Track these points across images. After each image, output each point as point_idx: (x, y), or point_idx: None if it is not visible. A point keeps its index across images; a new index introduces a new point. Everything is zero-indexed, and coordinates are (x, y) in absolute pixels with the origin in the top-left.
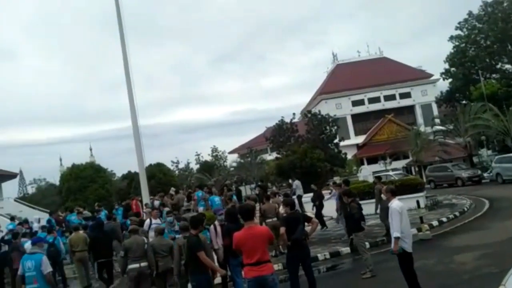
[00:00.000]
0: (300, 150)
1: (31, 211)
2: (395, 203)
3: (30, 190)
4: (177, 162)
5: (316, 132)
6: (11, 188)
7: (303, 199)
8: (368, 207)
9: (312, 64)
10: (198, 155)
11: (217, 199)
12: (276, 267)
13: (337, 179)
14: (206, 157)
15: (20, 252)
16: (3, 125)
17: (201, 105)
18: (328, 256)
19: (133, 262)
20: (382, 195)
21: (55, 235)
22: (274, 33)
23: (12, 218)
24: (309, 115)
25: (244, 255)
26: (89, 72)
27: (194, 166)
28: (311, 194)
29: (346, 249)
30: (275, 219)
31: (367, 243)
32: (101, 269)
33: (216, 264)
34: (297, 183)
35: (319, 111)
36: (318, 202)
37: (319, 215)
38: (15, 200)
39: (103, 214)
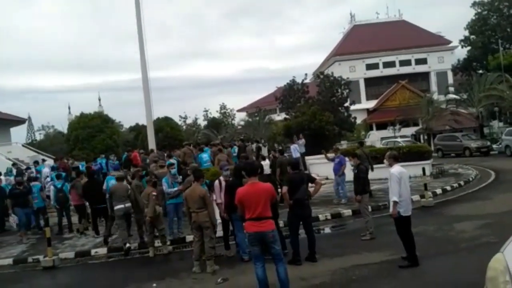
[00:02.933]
0: (310, 111)
1: (39, 157)
2: (395, 169)
3: (38, 136)
4: (185, 117)
5: (327, 94)
6: (19, 133)
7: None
8: (373, 172)
9: (329, 24)
10: (206, 111)
11: (205, 155)
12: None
13: (344, 143)
14: (214, 113)
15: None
16: (13, 70)
17: (213, 60)
18: (329, 217)
19: (119, 203)
20: (385, 161)
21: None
22: None
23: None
24: (321, 77)
25: (246, 210)
26: (101, 21)
27: (202, 122)
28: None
29: (347, 211)
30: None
31: (369, 206)
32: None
33: (218, 217)
34: (302, 141)
35: (332, 73)
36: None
37: None
38: (23, 146)
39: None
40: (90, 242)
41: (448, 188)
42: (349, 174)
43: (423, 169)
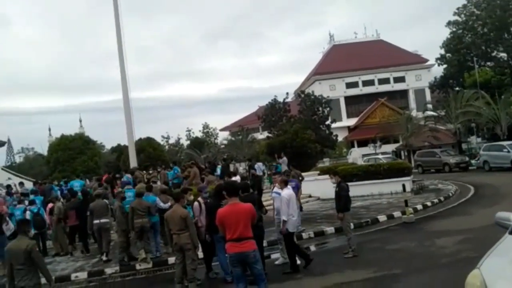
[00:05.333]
0: (292, 130)
1: (19, 180)
2: (285, 192)
3: (18, 159)
4: (168, 137)
5: (309, 112)
6: None
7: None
8: (354, 188)
9: (309, 44)
10: (189, 131)
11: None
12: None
13: (326, 161)
14: (197, 133)
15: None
16: None
17: (195, 81)
18: (312, 235)
19: (96, 219)
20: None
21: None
22: (272, 11)
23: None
24: (302, 95)
25: (227, 230)
26: (82, 43)
27: (185, 142)
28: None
29: (330, 229)
30: None
31: (351, 224)
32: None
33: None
34: (283, 160)
35: (313, 91)
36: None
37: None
38: (2, 169)
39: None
40: (70, 267)
41: (429, 203)
42: (330, 191)
43: (403, 186)
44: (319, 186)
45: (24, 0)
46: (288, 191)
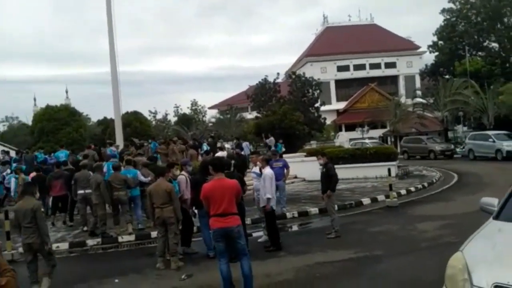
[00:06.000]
0: (280, 111)
1: (1, 148)
2: (268, 170)
3: (2, 128)
4: (155, 113)
5: (298, 94)
6: None
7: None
8: (340, 171)
9: (303, 24)
10: (177, 107)
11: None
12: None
13: (313, 143)
14: (186, 110)
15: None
16: None
17: (185, 56)
18: (296, 215)
19: (80, 189)
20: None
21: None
22: None
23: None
24: (293, 77)
25: (211, 206)
26: (72, 12)
27: (172, 118)
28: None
29: (314, 209)
30: None
31: (335, 205)
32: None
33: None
34: (271, 139)
35: (304, 73)
36: None
37: None
38: None
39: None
40: (52, 237)
41: (413, 189)
42: (316, 173)
43: (389, 170)
44: (305, 168)
45: None
46: (269, 170)
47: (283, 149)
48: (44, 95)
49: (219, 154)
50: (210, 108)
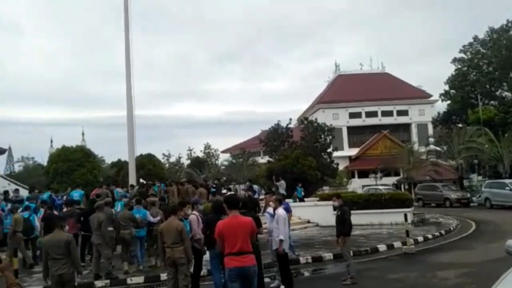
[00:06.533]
0: (293, 155)
1: (15, 187)
2: (281, 211)
3: (17, 168)
4: (169, 155)
5: (311, 139)
6: None
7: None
8: (354, 217)
9: (314, 72)
10: (190, 150)
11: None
12: None
13: (326, 189)
14: (199, 153)
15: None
16: None
17: (199, 101)
18: (310, 260)
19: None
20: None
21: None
22: (281, 38)
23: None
24: (305, 122)
25: (226, 243)
26: (89, 57)
27: (185, 161)
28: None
29: (328, 255)
30: None
31: (351, 251)
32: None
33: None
34: (281, 183)
35: (316, 119)
36: None
37: None
38: (1, 176)
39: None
40: None
41: (430, 236)
42: (330, 218)
43: (405, 216)
44: (318, 213)
45: (37, 11)
46: (282, 211)
47: (303, 193)
48: (61, 137)
49: (229, 194)
50: (223, 152)
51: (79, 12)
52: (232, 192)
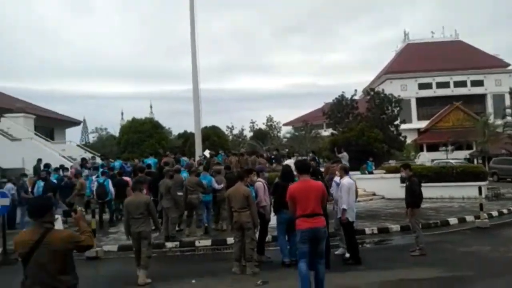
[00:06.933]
0: (358, 128)
1: (90, 156)
2: (346, 180)
3: (92, 139)
4: (232, 128)
5: (377, 111)
6: (74, 135)
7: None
8: (423, 190)
9: (381, 43)
10: (253, 123)
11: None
12: None
13: (392, 162)
14: (261, 125)
15: None
16: (73, 76)
17: (262, 74)
18: (376, 231)
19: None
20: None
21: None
22: (345, 8)
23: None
24: (371, 93)
25: (298, 206)
26: (157, 32)
27: (248, 134)
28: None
29: (395, 227)
30: None
31: (419, 223)
32: None
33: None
34: (343, 155)
35: (383, 90)
36: None
37: None
38: (77, 145)
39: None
40: None
41: (505, 211)
42: (396, 191)
43: (479, 189)
44: (384, 185)
45: None
46: (348, 180)
47: (373, 168)
48: (130, 109)
49: (288, 161)
50: (285, 124)
51: None
52: (292, 160)
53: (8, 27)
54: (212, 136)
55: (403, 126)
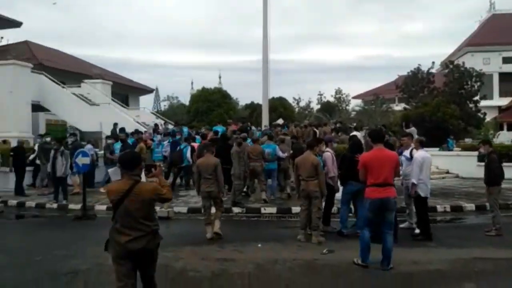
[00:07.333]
0: (433, 103)
1: (162, 122)
2: (419, 153)
3: (163, 107)
4: (299, 99)
5: (455, 86)
6: (147, 102)
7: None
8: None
9: (464, 12)
10: (320, 95)
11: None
12: None
13: (468, 141)
14: (329, 98)
15: None
16: (145, 45)
17: (333, 45)
18: (448, 209)
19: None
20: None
21: None
22: None
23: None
24: (450, 66)
25: (369, 175)
26: (227, 2)
27: (315, 106)
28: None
29: (470, 205)
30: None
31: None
32: None
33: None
34: (412, 130)
35: (463, 63)
36: None
37: None
38: (151, 112)
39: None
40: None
41: None
42: (471, 170)
43: None
44: (459, 163)
45: None
46: (423, 153)
47: (454, 146)
48: (200, 79)
49: (355, 133)
50: (354, 97)
51: None
52: (360, 133)
53: (88, 1)
54: (279, 107)
55: (483, 103)
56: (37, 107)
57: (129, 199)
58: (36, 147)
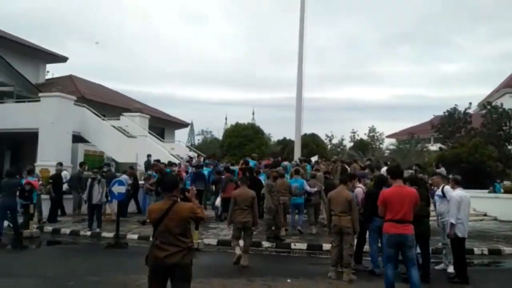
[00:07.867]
0: (470, 143)
1: (195, 155)
2: (456, 192)
3: (197, 141)
4: (331, 137)
5: (493, 127)
6: (182, 135)
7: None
8: None
9: (501, 54)
10: (354, 132)
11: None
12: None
13: (507, 184)
14: (362, 136)
15: None
16: (183, 82)
17: (367, 85)
18: (486, 252)
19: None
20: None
21: None
22: (461, 16)
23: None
24: (488, 107)
25: (388, 211)
26: (262, 41)
27: (348, 144)
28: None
29: (509, 249)
30: None
31: None
32: None
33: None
34: (441, 170)
35: (501, 104)
36: None
37: None
38: (186, 146)
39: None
40: (230, 234)
41: None
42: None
43: None
44: (498, 206)
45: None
46: (460, 192)
47: (502, 191)
48: (234, 115)
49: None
50: (388, 136)
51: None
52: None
53: (131, 40)
54: (311, 144)
55: None
56: (77, 138)
57: (168, 217)
58: (67, 177)
